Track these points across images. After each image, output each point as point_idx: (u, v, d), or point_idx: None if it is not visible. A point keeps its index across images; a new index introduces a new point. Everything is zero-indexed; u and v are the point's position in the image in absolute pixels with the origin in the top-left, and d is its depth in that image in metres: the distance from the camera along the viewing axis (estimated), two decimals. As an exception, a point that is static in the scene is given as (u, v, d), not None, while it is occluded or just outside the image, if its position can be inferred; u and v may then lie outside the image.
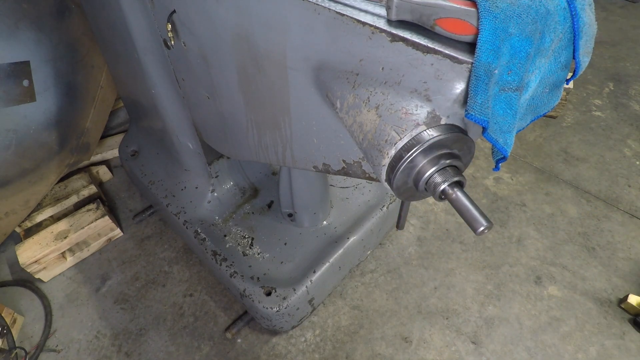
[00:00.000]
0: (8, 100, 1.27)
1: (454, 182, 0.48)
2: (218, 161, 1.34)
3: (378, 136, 0.52)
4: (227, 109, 0.90)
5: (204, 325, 1.37)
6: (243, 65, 0.74)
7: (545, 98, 0.59)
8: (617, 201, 1.77)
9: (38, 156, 1.43)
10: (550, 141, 2.07)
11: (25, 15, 1.25)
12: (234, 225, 1.35)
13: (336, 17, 0.53)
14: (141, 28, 0.95)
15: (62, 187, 1.65)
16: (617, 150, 2.02)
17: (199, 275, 1.50)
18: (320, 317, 1.38)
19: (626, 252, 1.58)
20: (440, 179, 0.48)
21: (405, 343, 1.33)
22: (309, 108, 0.69)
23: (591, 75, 2.47)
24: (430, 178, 0.49)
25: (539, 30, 0.46)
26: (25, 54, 1.28)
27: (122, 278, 1.50)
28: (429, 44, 0.47)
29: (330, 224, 1.34)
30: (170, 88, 1.08)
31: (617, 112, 2.24)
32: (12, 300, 1.43)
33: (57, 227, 1.48)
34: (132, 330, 1.36)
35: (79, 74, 1.47)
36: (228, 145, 1.03)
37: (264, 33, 0.65)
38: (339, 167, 0.72)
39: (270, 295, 1.17)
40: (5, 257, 1.56)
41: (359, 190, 1.44)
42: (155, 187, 1.44)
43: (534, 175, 1.89)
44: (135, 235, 1.63)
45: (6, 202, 1.39)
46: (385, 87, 0.53)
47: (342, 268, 1.34)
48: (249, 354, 1.30)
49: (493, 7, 0.43)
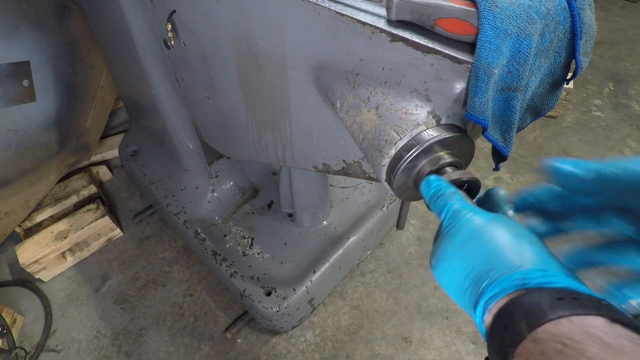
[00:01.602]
0: (8, 100, 1.27)
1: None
2: (218, 161, 1.34)
3: (378, 136, 0.52)
4: (227, 109, 0.90)
5: (204, 325, 1.37)
6: (243, 65, 0.74)
7: (545, 98, 0.59)
8: (617, 201, 1.77)
9: (38, 156, 1.43)
10: (550, 141, 2.07)
11: (25, 15, 1.25)
12: (234, 225, 1.35)
13: (336, 17, 0.53)
14: (141, 28, 0.95)
15: (62, 187, 1.65)
16: (617, 150, 2.01)
17: (199, 275, 1.50)
18: (320, 317, 1.38)
19: (626, 252, 1.58)
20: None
21: (405, 343, 1.33)
22: (309, 108, 0.69)
23: (591, 75, 2.47)
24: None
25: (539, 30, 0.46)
26: (25, 54, 1.28)
27: (122, 278, 1.50)
28: (429, 44, 0.47)
29: (330, 224, 1.34)
30: (170, 88, 1.08)
31: (617, 112, 2.24)
32: (12, 300, 1.43)
33: (57, 227, 1.48)
34: (132, 330, 1.36)
35: (79, 74, 1.47)
36: (228, 145, 1.03)
37: (264, 33, 0.65)
38: (339, 167, 0.72)
39: (270, 295, 1.17)
40: (5, 257, 1.56)
41: (359, 190, 1.44)
42: (155, 187, 1.44)
43: (534, 175, 1.89)
44: (135, 235, 1.63)
45: (6, 202, 1.39)
46: (385, 87, 0.53)
47: (342, 268, 1.34)
48: (249, 354, 1.30)
49: (493, 7, 0.43)
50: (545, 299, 0.31)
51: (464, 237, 0.38)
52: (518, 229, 0.38)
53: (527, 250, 0.35)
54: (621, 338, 0.27)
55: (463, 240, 0.38)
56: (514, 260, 0.35)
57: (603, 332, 0.28)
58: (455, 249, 0.38)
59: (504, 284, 0.34)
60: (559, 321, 0.29)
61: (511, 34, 0.44)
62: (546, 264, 0.34)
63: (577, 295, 0.31)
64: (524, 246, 0.36)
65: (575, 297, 0.31)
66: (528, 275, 0.33)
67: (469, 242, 0.37)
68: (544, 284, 0.32)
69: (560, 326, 0.29)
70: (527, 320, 0.30)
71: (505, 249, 0.36)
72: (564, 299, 0.30)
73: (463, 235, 0.38)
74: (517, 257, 0.35)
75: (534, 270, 0.33)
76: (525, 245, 0.36)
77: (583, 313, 0.29)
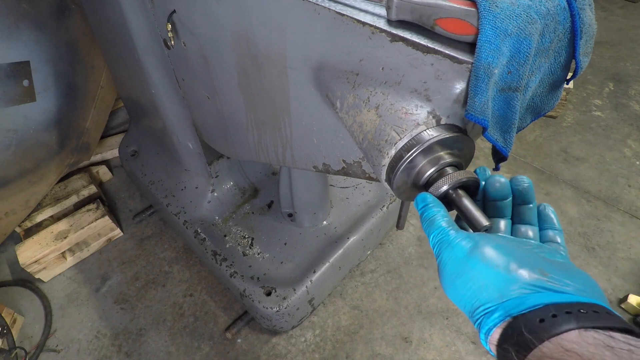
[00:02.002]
0: (8, 100, 1.27)
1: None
2: (218, 161, 1.34)
3: (378, 136, 0.52)
4: (227, 109, 0.90)
5: (204, 325, 1.37)
6: (243, 65, 0.74)
7: (545, 98, 0.59)
8: (617, 201, 1.77)
9: (38, 156, 1.43)
10: (550, 141, 2.07)
11: (25, 15, 1.25)
12: (234, 225, 1.35)
13: (336, 17, 0.53)
14: (141, 28, 0.95)
15: (62, 187, 1.65)
16: (617, 150, 2.02)
17: (199, 275, 1.50)
18: (320, 317, 1.38)
19: (626, 252, 1.58)
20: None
21: (405, 343, 1.33)
22: (309, 108, 0.69)
23: (591, 75, 2.47)
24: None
25: (539, 30, 0.46)
26: (25, 54, 1.28)
27: (122, 278, 1.50)
28: (429, 44, 0.47)
29: (330, 224, 1.34)
30: (170, 88, 1.08)
31: (617, 112, 2.24)
32: (12, 300, 1.43)
33: (57, 227, 1.48)
34: (132, 330, 1.36)
35: (79, 74, 1.47)
36: (228, 145, 1.03)
37: (264, 33, 0.65)
38: (339, 167, 0.72)
39: (270, 295, 1.17)
40: (5, 257, 1.56)
41: (359, 190, 1.44)
42: (155, 187, 1.44)
43: (534, 175, 1.89)
44: (135, 235, 1.63)
45: (6, 202, 1.39)
46: (385, 87, 0.53)
47: (342, 268, 1.34)
48: (249, 354, 1.30)
49: (493, 7, 0.43)
50: (527, 325, 0.34)
51: (450, 274, 0.41)
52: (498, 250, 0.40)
53: (505, 279, 0.38)
54: (588, 345, 0.31)
55: (451, 277, 0.41)
56: (495, 295, 0.38)
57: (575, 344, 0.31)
58: (449, 285, 0.42)
59: (492, 319, 0.37)
60: (544, 344, 0.33)
61: (511, 34, 0.43)
62: (525, 287, 0.37)
63: (556, 309, 0.34)
64: (502, 275, 0.38)
65: (554, 313, 0.34)
66: (509, 306, 0.37)
67: (456, 279, 0.41)
68: (524, 310, 0.36)
69: (543, 349, 0.33)
70: (517, 348, 0.34)
71: (487, 284, 0.38)
72: (544, 320, 0.34)
73: (450, 272, 0.41)
74: (498, 291, 0.38)
75: (514, 300, 0.36)
76: (503, 273, 0.38)
77: (559, 332, 0.32)
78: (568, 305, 0.34)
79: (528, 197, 0.49)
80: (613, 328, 0.32)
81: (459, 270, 0.40)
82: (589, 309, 0.34)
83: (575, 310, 0.34)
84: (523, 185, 0.49)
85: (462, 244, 0.41)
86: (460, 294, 0.40)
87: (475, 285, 0.39)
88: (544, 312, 0.34)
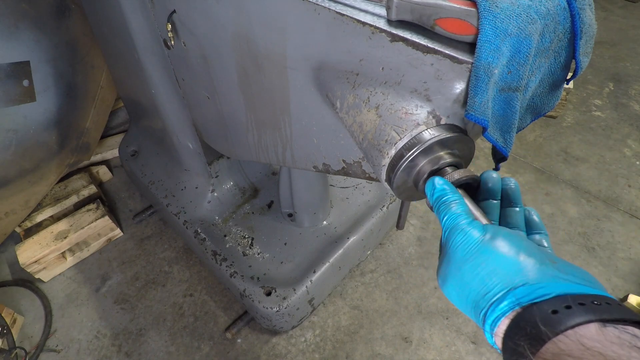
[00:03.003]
0: (8, 100, 1.27)
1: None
2: (218, 161, 1.34)
3: (378, 136, 0.52)
4: (227, 109, 0.90)
5: (204, 325, 1.37)
6: (243, 65, 0.74)
7: (545, 98, 0.59)
8: (617, 201, 1.77)
9: (38, 156, 1.43)
10: (550, 141, 2.07)
11: (25, 15, 1.25)
12: (234, 225, 1.35)
13: (336, 17, 0.53)
14: (141, 28, 0.95)
15: (62, 187, 1.65)
16: (617, 150, 2.02)
17: (199, 275, 1.50)
18: (320, 317, 1.38)
19: (626, 252, 1.58)
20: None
21: (405, 343, 1.33)
22: (309, 108, 0.69)
23: (591, 75, 2.47)
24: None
25: (539, 30, 0.46)
26: (25, 54, 1.28)
27: (122, 278, 1.50)
28: (429, 44, 0.47)
29: (330, 224, 1.34)
30: (170, 88, 1.08)
31: (617, 112, 2.24)
32: (12, 300, 1.43)
33: (57, 227, 1.48)
34: (132, 330, 1.36)
35: (79, 74, 1.47)
36: (228, 145, 1.03)
37: (264, 33, 0.65)
38: (339, 167, 0.72)
39: (270, 295, 1.17)
40: (5, 257, 1.56)
41: (359, 190, 1.44)
42: (155, 187, 1.44)
43: (533, 175, 1.89)
44: (135, 235, 1.63)
45: (6, 202, 1.39)
46: (385, 87, 0.53)
47: (342, 268, 1.34)
48: (249, 354, 1.30)
49: (493, 7, 0.43)
50: (540, 316, 0.32)
51: (459, 259, 0.40)
52: (509, 240, 0.39)
53: (516, 265, 0.37)
54: (612, 345, 0.29)
55: (459, 262, 0.40)
56: (505, 280, 0.36)
57: (597, 341, 0.29)
58: (454, 272, 0.40)
59: (500, 308, 0.35)
60: (558, 338, 0.30)
61: (511, 34, 0.43)
62: (536, 275, 0.36)
63: (569, 301, 0.32)
64: (513, 261, 0.37)
65: (568, 305, 0.32)
66: (520, 294, 0.35)
67: (464, 264, 0.39)
68: (536, 299, 0.34)
69: (560, 344, 0.30)
70: (530, 342, 0.32)
71: (497, 269, 0.37)
72: (558, 312, 0.32)
73: (458, 257, 0.40)
74: (508, 276, 0.36)
75: (525, 288, 0.35)
76: (514, 259, 0.37)
77: (575, 324, 0.30)
78: (581, 297, 0.33)
79: (515, 198, 0.49)
80: (628, 321, 0.30)
81: (470, 255, 0.39)
82: (602, 300, 0.32)
83: (588, 301, 0.32)
84: (510, 186, 0.50)
85: (476, 231, 0.40)
86: (465, 281, 0.39)
87: (484, 271, 0.38)
88: (557, 302, 0.32)
